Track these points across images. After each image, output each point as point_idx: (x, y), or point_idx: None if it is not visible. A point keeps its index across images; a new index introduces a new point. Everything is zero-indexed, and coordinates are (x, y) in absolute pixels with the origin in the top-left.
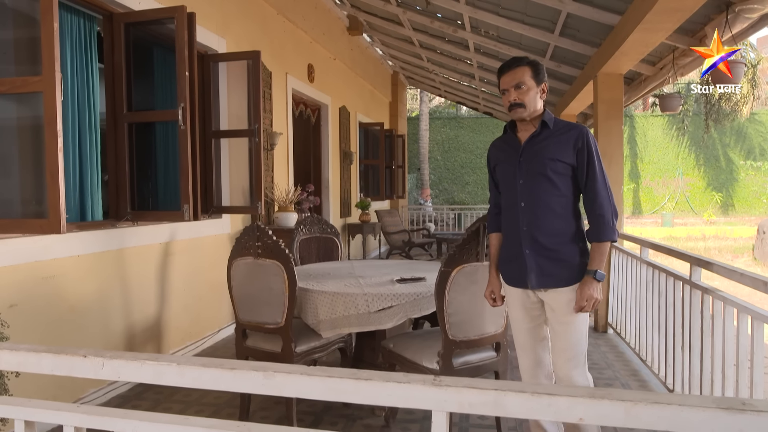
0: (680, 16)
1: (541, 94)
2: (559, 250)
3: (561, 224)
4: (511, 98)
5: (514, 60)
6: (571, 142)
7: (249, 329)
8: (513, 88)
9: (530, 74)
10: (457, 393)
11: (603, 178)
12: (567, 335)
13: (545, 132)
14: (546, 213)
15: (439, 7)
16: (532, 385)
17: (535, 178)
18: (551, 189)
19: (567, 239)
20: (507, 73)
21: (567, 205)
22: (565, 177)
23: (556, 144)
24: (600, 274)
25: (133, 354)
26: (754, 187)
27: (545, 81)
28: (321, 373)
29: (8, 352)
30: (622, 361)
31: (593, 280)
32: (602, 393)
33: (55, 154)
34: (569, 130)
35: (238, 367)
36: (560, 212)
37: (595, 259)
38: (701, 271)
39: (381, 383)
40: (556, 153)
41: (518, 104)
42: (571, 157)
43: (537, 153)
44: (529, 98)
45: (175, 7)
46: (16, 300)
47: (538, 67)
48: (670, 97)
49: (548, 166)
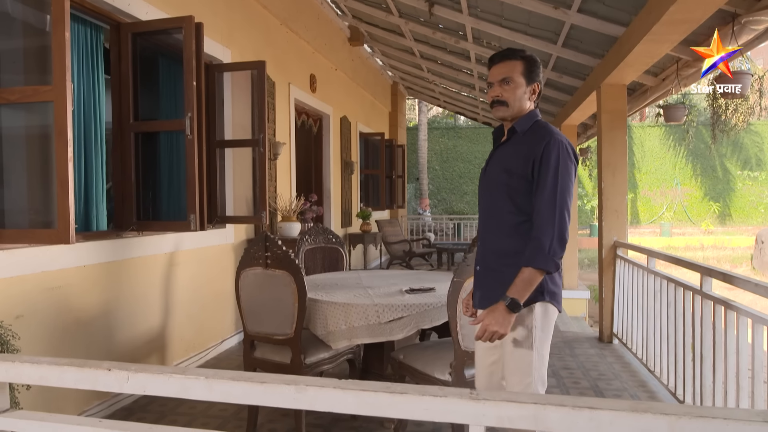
0: (687, 27)
1: (531, 94)
2: (504, 272)
3: (511, 244)
4: (494, 93)
5: (507, 51)
6: (531, 151)
7: (257, 340)
8: (499, 83)
9: (521, 70)
10: (496, 407)
11: (554, 197)
12: (511, 362)
13: (513, 139)
14: (497, 230)
15: (442, 18)
16: (573, 398)
17: (492, 190)
18: (505, 204)
19: (515, 262)
20: (497, 64)
21: (520, 224)
22: (519, 192)
23: (514, 154)
24: (514, 304)
25: (159, 367)
26: (751, 197)
27: (538, 81)
28: (354, 387)
29: (29, 365)
30: (629, 372)
31: (503, 308)
32: (645, 406)
33: (66, 163)
34: (535, 139)
35: (268, 380)
36: (511, 231)
37: (515, 285)
38: (712, 281)
39: (417, 397)
40: (511, 164)
41: (500, 101)
42: (526, 169)
43: (497, 163)
44: (515, 97)
45: (183, 18)
46: (22, 311)
47: (533, 63)
48: (675, 108)
49: (502, 179)
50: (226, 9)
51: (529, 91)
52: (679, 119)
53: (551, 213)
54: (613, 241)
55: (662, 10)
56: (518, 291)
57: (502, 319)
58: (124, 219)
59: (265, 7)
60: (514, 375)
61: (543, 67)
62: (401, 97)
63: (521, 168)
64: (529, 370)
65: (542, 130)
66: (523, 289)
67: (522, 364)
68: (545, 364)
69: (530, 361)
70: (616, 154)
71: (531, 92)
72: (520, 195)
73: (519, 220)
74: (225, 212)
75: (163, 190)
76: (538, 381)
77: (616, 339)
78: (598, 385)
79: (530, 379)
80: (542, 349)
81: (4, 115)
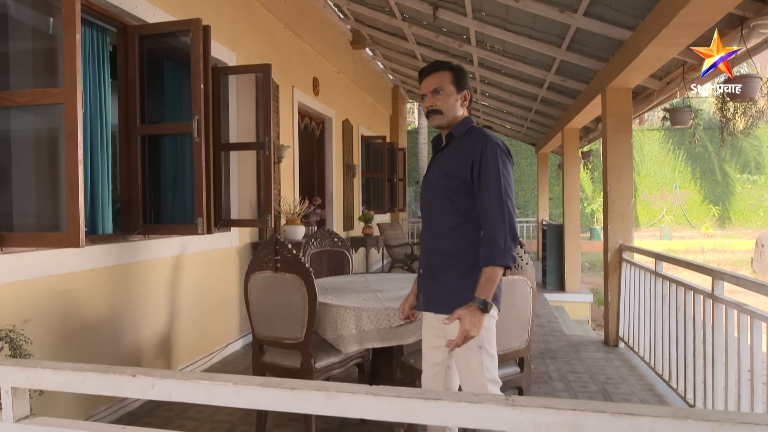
0: (696, 31)
1: (462, 101)
2: (446, 274)
3: (450, 246)
4: (428, 104)
5: (435, 64)
6: (469, 155)
7: (266, 344)
8: (431, 93)
9: (450, 79)
10: (533, 413)
11: (499, 195)
12: (462, 364)
13: (452, 144)
14: (438, 232)
15: (446, 22)
16: (612, 404)
17: (433, 194)
18: (446, 207)
19: (457, 263)
20: (427, 77)
21: (459, 225)
22: (461, 194)
23: (453, 157)
24: (485, 304)
25: (185, 373)
26: (750, 200)
27: (468, 88)
28: (387, 393)
29: (52, 371)
30: (636, 376)
31: (477, 309)
32: (685, 413)
33: (76, 166)
34: (472, 143)
35: (298, 386)
36: (452, 233)
37: (481, 286)
38: (723, 285)
39: (451, 403)
40: (450, 167)
41: (435, 110)
42: (464, 171)
43: (437, 167)
44: (448, 105)
45: (190, 20)
46: (29, 315)
47: (461, 72)
48: (681, 111)
49: (443, 182)
50: (231, 12)
51: (461, 99)
52: (685, 122)
53: (500, 211)
54: (619, 245)
55: (672, 14)
56: (485, 291)
57: (477, 321)
58: (130, 222)
59: (269, 11)
60: (466, 377)
61: (546, 71)
62: (402, 101)
63: (461, 171)
64: (480, 370)
65: (477, 134)
66: (489, 288)
67: (473, 364)
68: (495, 364)
69: (480, 360)
70: (622, 157)
71: (462, 99)
72: (460, 197)
73: (458, 222)
74: (230, 215)
75: (168, 193)
76: (490, 381)
77: (622, 342)
78: (606, 389)
79: (483, 380)
80: (490, 348)
81: (13, 117)
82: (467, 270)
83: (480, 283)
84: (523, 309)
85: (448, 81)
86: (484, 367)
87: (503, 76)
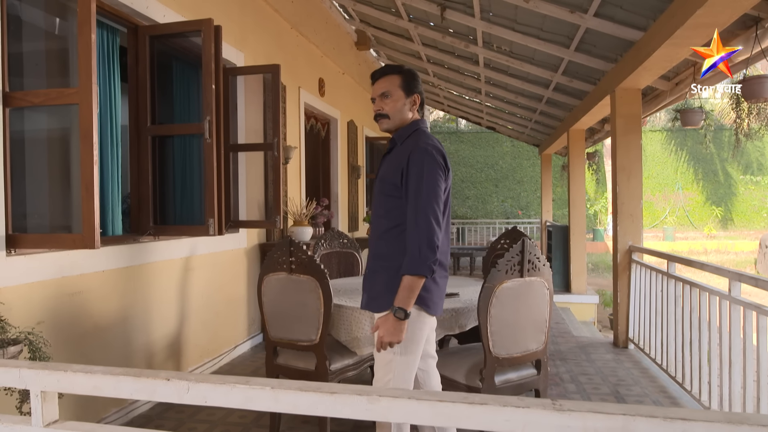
0: (711, 31)
1: (411, 105)
2: (379, 273)
3: (386, 248)
4: (376, 108)
5: (386, 68)
6: (401, 161)
7: (280, 347)
8: (379, 97)
9: (399, 84)
10: (581, 418)
11: (420, 204)
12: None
13: (394, 149)
14: (377, 234)
15: (453, 22)
16: (663, 409)
17: (376, 196)
18: (379, 210)
19: (386, 265)
20: (377, 81)
21: (391, 228)
22: (393, 199)
23: (389, 162)
24: (401, 312)
25: (221, 377)
26: (753, 201)
27: (418, 92)
28: (431, 397)
29: (82, 375)
30: (648, 377)
31: (392, 317)
32: (740, 417)
33: (91, 166)
34: (405, 148)
35: (338, 391)
36: (386, 236)
37: (399, 294)
38: (741, 286)
39: (497, 408)
40: (386, 172)
41: (381, 114)
42: (396, 177)
43: (379, 171)
44: (396, 109)
45: (202, 20)
46: (43, 317)
47: (411, 77)
48: (692, 112)
49: (380, 186)
50: (239, 12)
51: (410, 103)
52: (696, 123)
53: (419, 220)
54: (628, 246)
55: (687, 14)
56: (402, 299)
57: (393, 328)
58: (140, 223)
59: (277, 11)
60: (379, 370)
61: (553, 71)
62: None
63: (392, 176)
64: (389, 367)
65: (413, 139)
66: (406, 297)
67: (383, 361)
68: (411, 368)
69: (390, 360)
70: (631, 158)
71: (411, 103)
72: (393, 201)
73: (390, 225)
74: (238, 217)
75: (176, 194)
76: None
77: (631, 344)
78: (618, 391)
79: (391, 375)
80: (406, 352)
81: (27, 118)
82: (396, 274)
83: (398, 291)
84: (540, 311)
85: (396, 85)
86: (392, 367)
87: (509, 77)
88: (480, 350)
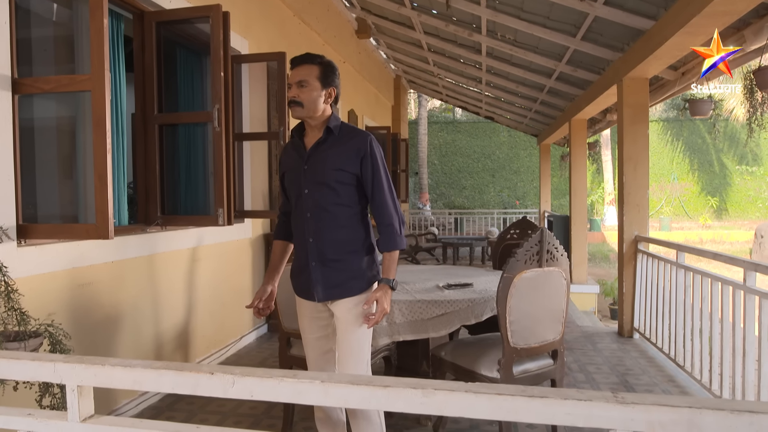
0: (727, 20)
1: (326, 98)
2: (345, 260)
3: (347, 234)
4: (291, 94)
5: (306, 56)
6: (354, 150)
7: (294, 337)
8: (296, 84)
9: (317, 75)
10: (645, 411)
11: (389, 186)
12: (351, 343)
13: (331, 139)
14: (331, 224)
15: (458, 10)
16: (730, 402)
17: (320, 187)
18: (336, 199)
19: (354, 249)
20: (296, 67)
21: (353, 215)
22: (349, 186)
23: (339, 152)
24: (396, 283)
25: (266, 370)
26: (748, 191)
27: (334, 86)
28: (488, 391)
29: (121, 369)
30: (655, 367)
31: (389, 289)
32: None
33: (104, 155)
34: (353, 137)
35: (392, 384)
36: (345, 223)
37: (390, 269)
38: (756, 276)
39: (558, 401)
40: (339, 162)
41: (296, 102)
42: (354, 166)
43: (321, 161)
44: (310, 99)
45: (210, 6)
46: (54, 308)
47: (329, 69)
48: (701, 102)
49: (332, 176)
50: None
51: (325, 95)
52: (705, 113)
53: (393, 202)
54: (634, 236)
55: (704, 2)
56: (393, 272)
57: (389, 299)
58: (148, 213)
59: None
60: (350, 356)
61: (557, 60)
62: (403, 91)
63: (352, 166)
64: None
65: (356, 130)
66: (394, 269)
67: (361, 342)
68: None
69: (367, 339)
70: (638, 148)
71: (327, 96)
72: (351, 189)
73: (352, 212)
74: (243, 206)
75: (182, 183)
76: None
77: (637, 333)
78: (627, 380)
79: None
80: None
81: (36, 105)
82: (367, 254)
83: (386, 266)
84: (558, 301)
85: (314, 76)
86: (367, 348)
87: (511, 66)
88: (495, 340)
